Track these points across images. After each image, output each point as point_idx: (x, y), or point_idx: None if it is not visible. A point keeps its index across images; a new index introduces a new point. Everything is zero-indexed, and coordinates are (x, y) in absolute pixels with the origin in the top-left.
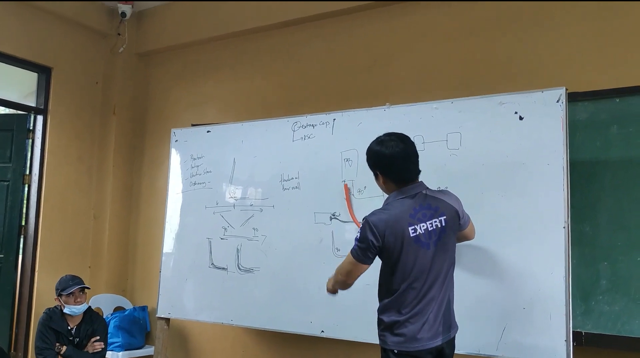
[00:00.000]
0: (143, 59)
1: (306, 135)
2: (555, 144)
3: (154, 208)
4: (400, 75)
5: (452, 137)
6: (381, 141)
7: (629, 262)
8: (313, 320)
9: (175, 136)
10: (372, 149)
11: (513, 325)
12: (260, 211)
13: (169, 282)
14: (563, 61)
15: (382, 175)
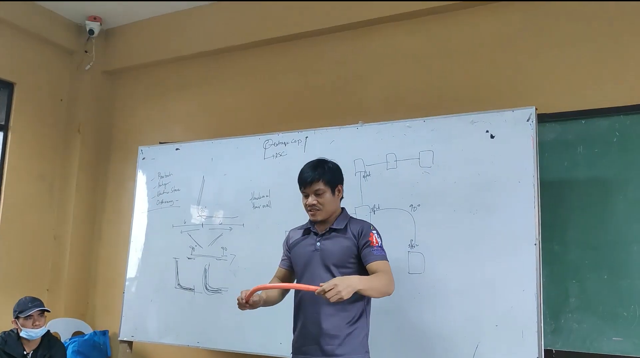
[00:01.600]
0: (110, 77)
1: (278, 153)
2: (526, 162)
3: (118, 228)
4: (374, 94)
5: (425, 155)
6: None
7: (597, 280)
8: (282, 341)
9: (143, 153)
10: (339, 167)
11: (486, 342)
12: (229, 230)
13: (132, 304)
14: (532, 83)
15: (342, 191)
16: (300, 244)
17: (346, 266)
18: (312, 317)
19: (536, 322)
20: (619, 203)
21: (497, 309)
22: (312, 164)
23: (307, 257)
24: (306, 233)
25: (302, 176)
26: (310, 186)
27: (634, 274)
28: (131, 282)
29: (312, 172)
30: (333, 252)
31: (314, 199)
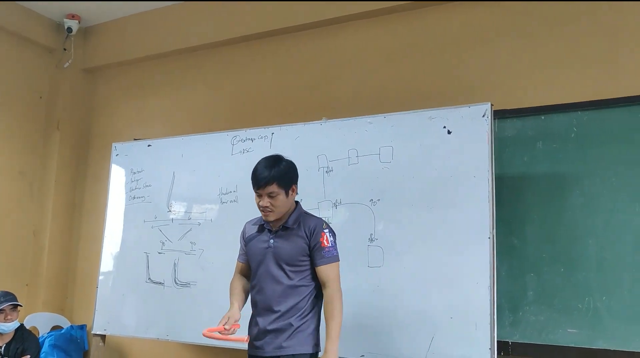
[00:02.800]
0: (89, 74)
1: (245, 149)
2: (481, 157)
3: (96, 224)
4: (338, 92)
5: (385, 150)
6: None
7: (554, 274)
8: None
9: (116, 150)
10: (294, 165)
11: (441, 334)
12: (198, 225)
13: (106, 298)
14: (493, 79)
15: (296, 189)
16: (254, 240)
17: (298, 264)
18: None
19: (489, 314)
20: (575, 197)
21: (452, 302)
22: (266, 164)
23: (261, 254)
24: (260, 229)
25: (256, 177)
26: (264, 188)
27: (589, 267)
28: (105, 276)
29: (266, 172)
30: (286, 250)
31: (267, 201)
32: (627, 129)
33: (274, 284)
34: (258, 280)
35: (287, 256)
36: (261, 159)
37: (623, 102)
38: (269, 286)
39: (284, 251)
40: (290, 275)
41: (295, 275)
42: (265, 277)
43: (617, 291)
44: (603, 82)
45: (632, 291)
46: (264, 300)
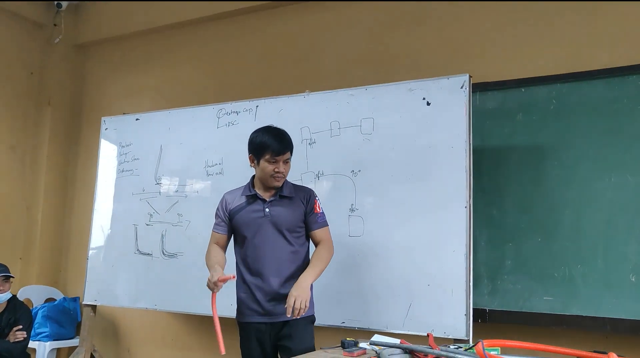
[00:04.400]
0: (79, 50)
1: (230, 122)
2: (459, 128)
3: (87, 198)
4: (321, 65)
5: (366, 122)
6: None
7: (531, 243)
8: (233, 303)
9: (105, 124)
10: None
11: (418, 301)
12: (185, 197)
13: (96, 269)
14: (474, 52)
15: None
16: (244, 210)
17: (296, 230)
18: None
19: (465, 282)
20: (553, 168)
21: (429, 270)
22: (281, 132)
23: (256, 224)
24: (251, 199)
25: (283, 142)
26: (284, 154)
27: (565, 237)
28: (96, 249)
29: (286, 140)
30: (286, 218)
31: (283, 167)
32: (604, 101)
33: (276, 250)
34: (255, 249)
35: (288, 223)
36: (270, 127)
37: (601, 74)
38: (272, 253)
39: (284, 219)
40: (291, 241)
41: (295, 240)
42: (264, 245)
43: (592, 259)
44: (582, 54)
45: (605, 260)
46: (268, 267)
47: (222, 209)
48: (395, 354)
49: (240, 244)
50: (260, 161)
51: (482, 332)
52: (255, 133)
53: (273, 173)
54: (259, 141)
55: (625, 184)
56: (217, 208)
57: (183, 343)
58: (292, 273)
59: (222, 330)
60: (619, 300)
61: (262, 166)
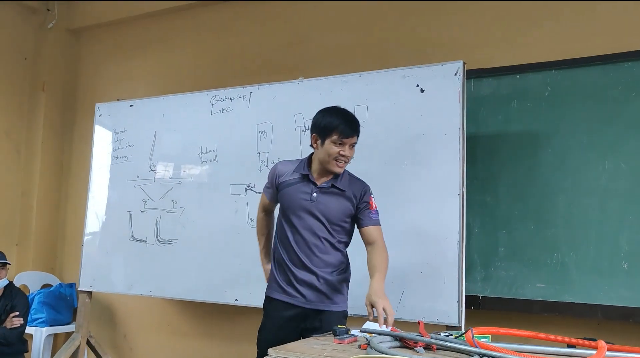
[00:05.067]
0: (73, 35)
1: (224, 108)
2: (453, 115)
3: (83, 184)
4: (315, 51)
5: (360, 109)
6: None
7: (524, 230)
8: (227, 290)
9: (99, 110)
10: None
11: (411, 288)
12: (179, 184)
13: (91, 256)
14: (469, 39)
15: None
16: (293, 187)
17: (340, 224)
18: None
19: (457, 268)
20: (547, 155)
21: (422, 257)
22: (351, 115)
23: (300, 204)
24: (303, 178)
25: (352, 124)
26: (353, 137)
27: (558, 224)
28: (91, 235)
29: (356, 123)
30: (332, 209)
31: (349, 151)
32: (598, 88)
33: (315, 238)
34: (295, 231)
35: (332, 215)
36: (339, 107)
37: (595, 61)
38: (311, 240)
39: (330, 210)
40: (332, 233)
41: (335, 233)
42: (304, 230)
43: (584, 247)
44: (576, 41)
45: (598, 247)
46: (305, 252)
47: (271, 177)
48: (386, 342)
49: (282, 219)
50: (326, 141)
51: (475, 319)
52: (323, 112)
53: (338, 156)
54: (327, 120)
55: (618, 172)
56: (269, 174)
57: (178, 329)
58: (328, 265)
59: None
60: (611, 287)
61: (326, 147)
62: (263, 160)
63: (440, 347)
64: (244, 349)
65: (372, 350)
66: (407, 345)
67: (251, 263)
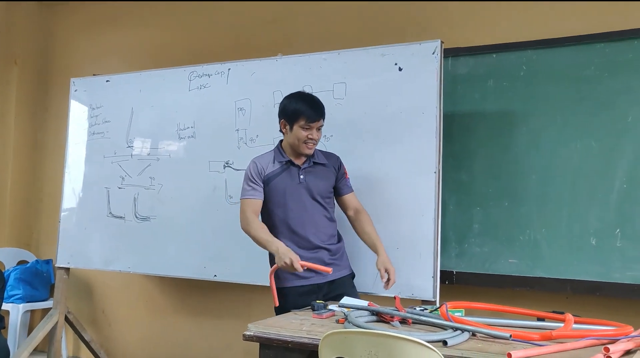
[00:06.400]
0: (46, 8)
1: (202, 85)
2: (431, 94)
3: (59, 160)
4: (294, 28)
5: (338, 87)
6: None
7: (498, 207)
8: (207, 265)
9: (75, 85)
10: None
11: None
12: (156, 161)
13: (68, 232)
14: (447, 17)
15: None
16: (280, 176)
17: (329, 196)
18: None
19: (433, 245)
20: (522, 134)
21: (398, 233)
22: (315, 99)
23: (291, 189)
24: (285, 165)
25: (319, 108)
26: (318, 121)
27: (531, 201)
28: (68, 211)
29: (320, 107)
30: (321, 185)
31: (317, 134)
32: (572, 68)
33: (315, 216)
34: (294, 214)
35: (322, 190)
36: (303, 93)
37: (569, 41)
38: (311, 218)
39: (318, 186)
40: (325, 207)
41: (328, 206)
42: (303, 211)
43: (555, 223)
44: (551, 21)
45: (568, 224)
46: (310, 231)
47: (256, 174)
48: (363, 316)
49: (276, 210)
50: (294, 127)
51: (449, 294)
52: (289, 99)
53: (306, 140)
54: (293, 107)
55: (589, 151)
56: (248, 173)
57: (157, 305)
58: (330, 236)
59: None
60: (580, 262)
61: (295, 132)
62: (242, 137)
63: (415, 321)
64: (223, 324)
65: (350, 324)
66: (383, 319)
67: (230, 239)
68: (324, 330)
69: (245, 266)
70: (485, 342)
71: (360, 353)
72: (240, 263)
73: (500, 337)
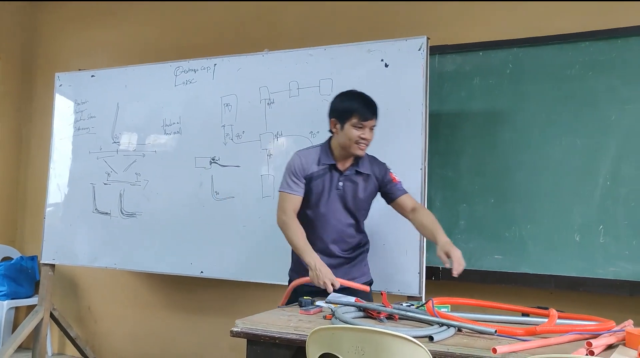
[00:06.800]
0: (32, 2)
1: (188, 80)
2: (417, 90)
3: (44, 156)
4: (280, 23)
5: (324, 83)
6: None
7: (484, 204)
8: (193, 262)
9: (60, 80)
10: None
11: (374, 260)
12: (142, 156)
13: (54, 228)
14: (435, 14)
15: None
16: (321, 178)
17: (363, 207)
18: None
19: (418, 241)
20: (507, 132)
21: (384, 229)
22: (368, 98)
23: (326, 194)
24: (327, 168)
25: (371, 106)
26: (372, 119)
27: (516, 198)
28: (53, 207)
29: (374, 105)
30: (359, 195)
31: (369, 134)
32: (557, 66)
33: (343, 225)
34: (322, 219)
35: (357, 201)
36: (356, 91)
37: (555, 40)
38: (339, 228)
39: (357, 196)
40: (357, 218)
41: (360, 216)
42: (331, 217)
43: (540, 220)
44: (537, 19)
45: (553, 220)
46: (331, 235)
47: (300, 170)
48: (350, 312)
49: (307, 208)
50: (345, 125)
51: (435, 290)
52: (340, 97)
53: (358, 139)
54: (345, 105)
55: (573, 149)
56: (292, 167)
57: (144, 302)
58: (352, 247)
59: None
60: (564, 258)
61: (346, 131)
62: (228, 133)
63: (402, 317)
64: (210, 320)
65: (337, 320)
66: (370, 315)
67: (217, 236)
68: (312, 326)
69: (232, 262)
70: (471, 337)
71: (347, 348)
72: (227, 260)
73: (485, 332)
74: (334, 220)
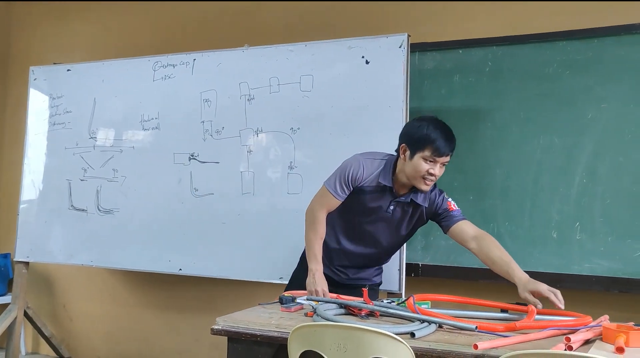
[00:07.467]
0: None
1: (167, 75)
2: (397, 87)
3: (18, 151)
4: (261, 19)
5: (305, 79)
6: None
7: (463, 201)
8: (172, 259)
9: (34, 74)
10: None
11: None
12: (120, 152)
13: (28, 225)
14: (414, 11)
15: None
16: (372, 196)
17: (398, 241)
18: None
19: None
20: (487, 129)
21: None
22: (450, 129)
23: (370, 213)
24: (382, 189)
25: (449, 142)
26: (447, 156)
27: (495, 195)
28: (27, 204)
29: (454, 140)
30: (404, 226)
31: (440, 170)
32: (535, 65)
33: (370, 250)
34: (352, 236)
35: (403, 230)
36: (438, 119)
37: (533, 38)
38: (365, 252)
39: (402, 226)
40: (388, 249)
41: (391, 248)
42: (362, 237)
43: (518, 217)
44: (516, 18)
45: (531, 218)
46: (352, 260)
47: (354, 178)
48: (331, 309)
49: (344, 217)
50: (416, 155)
51: (415, 286)
52: (419, 122)
53: (426, 175)
54: (423, 133)
55: (551, 147)
56: (348, 172)
57: (121, 300)
58: (373, 273)
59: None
60: (542, 254)
61: (415, 162)
62: (207, 129)
63: (383, 314)
64: (189, 318)
65: (319, 317)
66: (351, 312)
67: (196, 233)
68: (293, 323)
69: (211, 259)
70: (452, 334)
71: (329, 345)
72: (206, 257)
73: (466, 329)
74: (363, 243)
